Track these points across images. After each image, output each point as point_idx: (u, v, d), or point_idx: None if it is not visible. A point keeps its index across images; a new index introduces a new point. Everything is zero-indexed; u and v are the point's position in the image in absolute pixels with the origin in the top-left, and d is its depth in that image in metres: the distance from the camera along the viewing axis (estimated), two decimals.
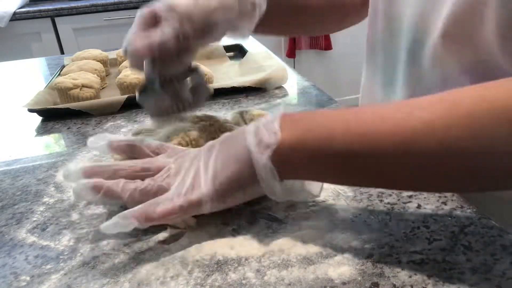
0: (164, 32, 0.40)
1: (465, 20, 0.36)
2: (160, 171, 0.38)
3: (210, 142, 0.38)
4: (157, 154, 0.40)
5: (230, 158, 0.35)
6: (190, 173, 0.36)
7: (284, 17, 0.57)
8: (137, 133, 0.53)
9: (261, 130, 0.34)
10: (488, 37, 0.35)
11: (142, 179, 0.37)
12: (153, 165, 0.38)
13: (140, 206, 0.35)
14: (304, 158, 0.33)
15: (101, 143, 0.40)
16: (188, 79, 0.48)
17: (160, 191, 0.36)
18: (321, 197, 0.40)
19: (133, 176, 0.37)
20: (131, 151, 0.40)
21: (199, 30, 0.42)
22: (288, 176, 0.35)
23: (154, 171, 0.38)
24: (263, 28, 0.52)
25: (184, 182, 0.36)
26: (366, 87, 0.57)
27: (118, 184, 0.36)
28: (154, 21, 0.42)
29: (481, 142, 0.28)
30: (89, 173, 0.37)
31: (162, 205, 0.34)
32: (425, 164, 0.30)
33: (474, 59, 0.37)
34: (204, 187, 0.35)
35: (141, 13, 0.42)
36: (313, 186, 0.37)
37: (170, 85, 0.46)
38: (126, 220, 0.34)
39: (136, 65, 0.43)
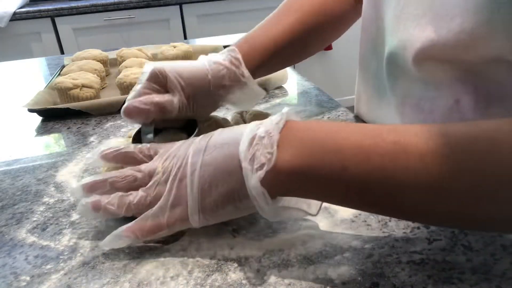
0: (171, 98, 0.42)
1: (448, 47, 0.35)
2: (151, 176, 0.36)
3: (199, 140, 0.36)
4: (151, 157, 0.38)
5: (221, 170, 0.32)
6: (175, 182, 0.34)
7: (288, 62, 0.57)
8: (136, 134, 0.52)
9: (256, 143, 0.31)
10: (473, 62, 0.34)
11: (137, 188, 0.36)
12: (144, 172, 0.36)
13: (132, 222, 0.35)
14: (308, 185, 0.31)
15: (95, 157, 0.39)
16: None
17: (153, 202, 0.35)
18: None
19: (127, 187, 0.36)
20: (124, 159, 0.39)
21: (198, 99, 0.44)
22: (283, 195, 0.32)
23: (147, 179, 0.36)
24: (266, 73, 0.54)
25: (170, 193, 0.34)
26: (361, 91, 0.57)
27: (114, 201, 0.35)
28: (162, 82, 0.43)
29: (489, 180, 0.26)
30: (88, 189, 0.37)
31: (150, 221, 0.34)
32: (446, 209, 0.28)
33: (453, 77, 0.37)
34: (191, 201, 0.33)
35: (152, 72, 0.43)
36: (312, 203, 0.34)
37: (165, 135, 0.46)
38: (120, 238, 0.34)
39: (136, 121, 0.43)
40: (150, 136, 0.43)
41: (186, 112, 0.44)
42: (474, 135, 0.27)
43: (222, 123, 0.52)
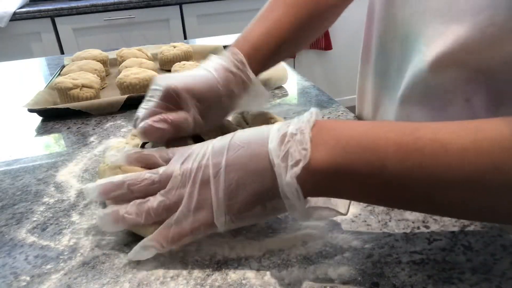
0: (186, 116, 0.41)
1: (472, 44, 0.34)
2: (169, 180, 0.35)
3: (218, 141, 0.34)
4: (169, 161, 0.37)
5: (248, 170, 0.31)
6: (196, 184, 0.33)
7: (288, 55, 0.56)
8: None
9: (288, 140, 0.31)
10: (494, 63, 0.34)
11: (155, 192, 0.35)
12: (162, 175, 0.35)
13: (156, 232, 0.34)
14: (344, 183, 0.30)
15: (118, 155, 0.38)
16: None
17: (173, 207, 0.34)
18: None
19: (145, 190, 0.35)
20: (146, 162, 0.38)
21: (210, 111, 0.43)
22: (315, 195, 0.32)
23: (165, 182, 0.35)
24: (267, 69, 0.52)
25: (191, 197, 0.33)
26: (361, 89, 0.57)
27: (132, 209, 0.34)
28: (175, 99, 0.41)
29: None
30: (104, 191, 0.35)
31: (173, 228, 0.33)
32: (488, 201, 0.28)
33: (463, 77, 0.37)
34: (216, 204, 0.32)
35: (165, 91, 0.41)
36: (339, 203, 0.33)
37: (173, 144, 0.45)
38: (146, 249, 0.33)
39: (151, 139, 0.42)
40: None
41: (200, 128, 0.43)
42: (508, 131, 0.28)
43: (223, 123, 0.52)
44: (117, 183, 0.35)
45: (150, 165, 0.37)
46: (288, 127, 0.31)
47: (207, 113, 0.43)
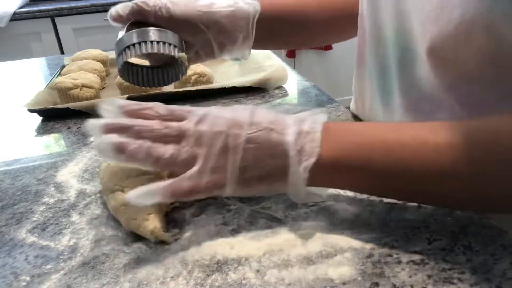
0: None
1: (449, 41, 0.35)
2: (183, 137, 0.35)
3: (240, 111, 0.36)
4: (170, 120, 0.37)
5: (264, 152, 0.34)
6: (213, 148, 0.34)
7: (286, 35, 0.58)
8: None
9: (303, 136, 0.34)
10: (469, 61, 0.35)
11: (165, 143, 0.35)
12: (174, 129, 0.35)
13: (168, 182, 0.34)
14: (339, 175, 0.34)
15: (110, 108, 0.37)
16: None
17: (182, 163, 0.34)
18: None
19: (156, 140, 0.35)
20: (147, 116, 0.37)
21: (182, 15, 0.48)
22: (314, 185, 0.35)
23: (176, 138, 0.35)
24: (264, 44, 0.56)
25: (208, 159, 0.34)
26: (357, 91, 0.57)
27: (142, 148, 0.34)
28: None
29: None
30: (110, 129, 0.35)
31: (188, 182, 0.34)
32: (462, 193, 0.32)
33: (458, 77, 0.37)
34: (230, 173, 0.34)
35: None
36: (322, 190, 0.39)
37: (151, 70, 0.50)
38: (153, 196, 0.33)
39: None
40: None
41: (167, 22, 0.47)
42: (478, 127, 0.32)
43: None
44: (125, 125, 0.35)
45: (147, 117, 0.37)
46: (303, 124, 0.35)
47: (177, 17, 0.48)
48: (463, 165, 0.31)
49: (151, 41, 0.46)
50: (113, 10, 0.49)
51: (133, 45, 0.46)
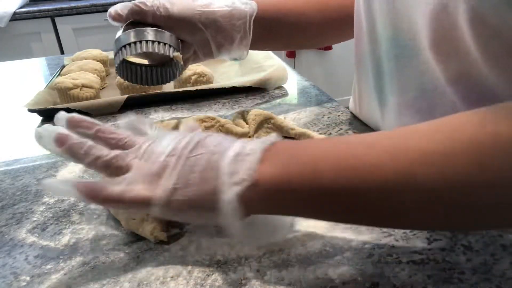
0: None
1: (444, 28, 0.35)
2: (132, 146, 0.35)
3: (189, 135, 0.34)
4: (122, 147, 0.36)
5: (197, 175, 0.31)
6: (154, 165, 0.32)
7: (283, 36, 0.58)
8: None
9: (240, 159, 0.30)
10: (469, 46, 0.35)
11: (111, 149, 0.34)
12: (126, 139, 0.35)
13: (92, 181, 0.32)
14: (284, 197, 0.30)
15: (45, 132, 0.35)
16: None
17: (121, 169, 0.33)
18: None
19: (109, 145, 0.35)
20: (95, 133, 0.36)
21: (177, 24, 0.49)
22: (259, 212, 0.31)
23: (125, 146, 0.35)
24: (262, 45, 0.56)
25: (144, 172, 0.32)
26: (357, 92, 0.57)
27: (83, 145, 0.33)
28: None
29: (487, 173, 0.25)
30: (70, 124, 0.35)
31: (111, 188, 0.31)
32: (424, 200, 0.27)
33: (459, 70, 0.37)
34: (162, 192, 0.31)
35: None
36: (284, 221, 0.33)
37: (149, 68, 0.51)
38: (67, 187, 0.31)
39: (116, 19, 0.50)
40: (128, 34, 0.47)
41: (165, 22, 0.48)
42: (416, 128, 0.29)
43: (223, 123, 0.52)
44: (89, 122, 0.36)
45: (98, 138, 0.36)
46: (246, 146, 0.31)
47: (175, 18, 0.49)
48: (422, 168, 0.27)
49: (147, 41, 0.47)
50: (112, 10, 0.49)
51: (129, 44, 0.47)
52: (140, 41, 0.47)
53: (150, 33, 0.47)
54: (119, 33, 0.49)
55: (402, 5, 0.40)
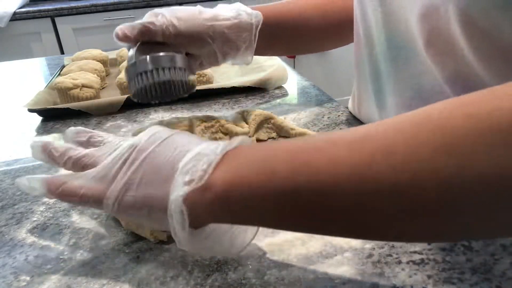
0: (153, 20, 0.48)
1: (438, 29, 0.35)
2: (103, 144, 0.36)
3: (162, 129, 0.32)
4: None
5: (153, 171, 0.29)
6: (112, 160, 0.31)
7: (285, 43, 0.58)
8: (137, 133, 0.53)
9: (197, 158, 0.28)
10: (463, 47, 0.34)
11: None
12: (108, 141, 0.36)
13: (50, 178, 0.33)
14: (237, 202, 0.27)
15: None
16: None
17: (89, 167, 0.33)
18: None
19: (85, 145, 0.36)
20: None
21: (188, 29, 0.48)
22: (211, 221, 0.29)
23: (97, 144, 0.36)
24: (264, 51, 0.56)
25: (98, 167, 0.32)
26: (356, 94, 0.57)
27: (60, 149, 0.35)
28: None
29: (458, 160, 0.22)
30: (74, 137, 0.37)
31: (69, 183, 0.32)
32: (382, 199, 0.23)
33: (455, 71, 0.37)
34: (114, 189, 0.30)
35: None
36: (242, 235, 0.31)
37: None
38: (33, 184, 0.33)
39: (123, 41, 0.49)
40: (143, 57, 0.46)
41: (174, 39, 0.48)
42: (379, 123, 0.26)
43: (223, 123, 0.52)
44: (86, 132, 0.37)
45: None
46: (210, 146, 0.29)
47: (183, 32, 0.48)
48: (383, 159, 0.23)
49: (163, 68, 0.46)
50: (119, 31, 0.48)
51: (145, 72, 0.46)
52: (157, 69, 0.46)
53: (164, 59, 0.46)
54: (132, 51, 0.48)
55: (395, 7, 0.40)
